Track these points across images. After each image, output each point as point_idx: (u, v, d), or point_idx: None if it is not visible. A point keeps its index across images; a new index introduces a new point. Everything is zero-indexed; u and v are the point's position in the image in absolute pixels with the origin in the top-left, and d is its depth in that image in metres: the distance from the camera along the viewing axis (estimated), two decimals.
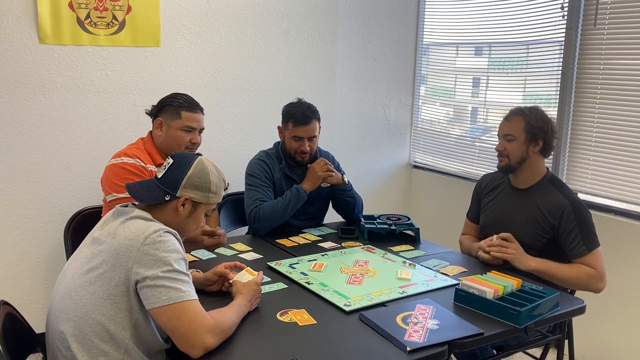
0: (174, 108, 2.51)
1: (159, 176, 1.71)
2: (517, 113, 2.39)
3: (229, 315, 1.66)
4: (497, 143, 2.45)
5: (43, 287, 3.03)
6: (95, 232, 1.71)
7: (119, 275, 1.56)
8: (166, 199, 1.68)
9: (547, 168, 2.45)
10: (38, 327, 1.80)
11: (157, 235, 1.56)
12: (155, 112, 2.55)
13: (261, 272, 1.94)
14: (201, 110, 2.59)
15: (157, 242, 1.55)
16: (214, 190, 1.73)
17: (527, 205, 2.39)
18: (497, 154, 2.45)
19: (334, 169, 2.76)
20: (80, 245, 1.75)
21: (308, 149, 2.73)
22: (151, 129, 2.59)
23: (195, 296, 1.59)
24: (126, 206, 1.73)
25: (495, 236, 2.32)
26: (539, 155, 2.40)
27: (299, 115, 2.71)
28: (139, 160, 2.44)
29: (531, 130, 2.35)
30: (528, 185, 2.42)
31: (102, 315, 1.57)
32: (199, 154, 1.79)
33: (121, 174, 2.39)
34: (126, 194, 2.26)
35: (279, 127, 2.84)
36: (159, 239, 1.56)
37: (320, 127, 2.79)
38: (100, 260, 1.59)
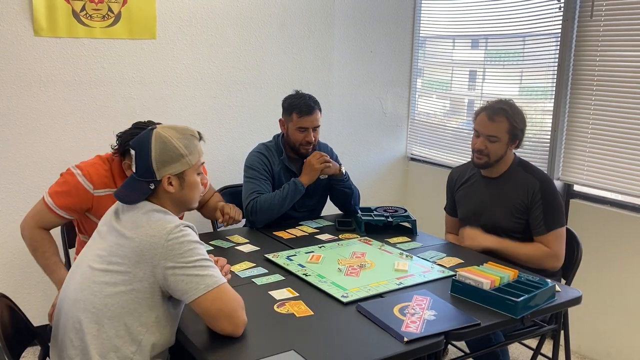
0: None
1: (135, 170, 1.69)
2: (500, 113, 2.39)
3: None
4: (475, 137, 2.43)
5: (39, 280, 3.02)
6: (112, 221, 1.68)
7: (144, 272, 1.57)
8: (151, 187, 1.67)
9: (514, 154, 2.49)
10: (35, 321, 1.80)
11: (178, 230, 1.59)
12: (121, 154, 2.31)
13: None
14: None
15: (180, 237, 1.58)
16: (186, 152, 1.68)
17: (501, 191, 2.44)
18: (474, 150, 2.44)
19: (331, 160, 2.76)
20: (95, 234, 1.74)
21: (313, 139, 2.74)
22: (113, 151, 2.37)
23: (225, 278, 1.64)
24: None
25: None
26: (512, 149, 2.46)
27: (302, 106, 2.71)
28: (88, 183, 2.25)
29: (514, 132, 2.40)
30: (500, 173, 2.47)
31: (122, 308, 1.58)
32: (152, 128, 1.69)
33: (62, 182, 2.27)
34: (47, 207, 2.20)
35: (280, 120, 2.83)
36: (181, 233, 1.58)
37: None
38: (122, 255, 1.59)
